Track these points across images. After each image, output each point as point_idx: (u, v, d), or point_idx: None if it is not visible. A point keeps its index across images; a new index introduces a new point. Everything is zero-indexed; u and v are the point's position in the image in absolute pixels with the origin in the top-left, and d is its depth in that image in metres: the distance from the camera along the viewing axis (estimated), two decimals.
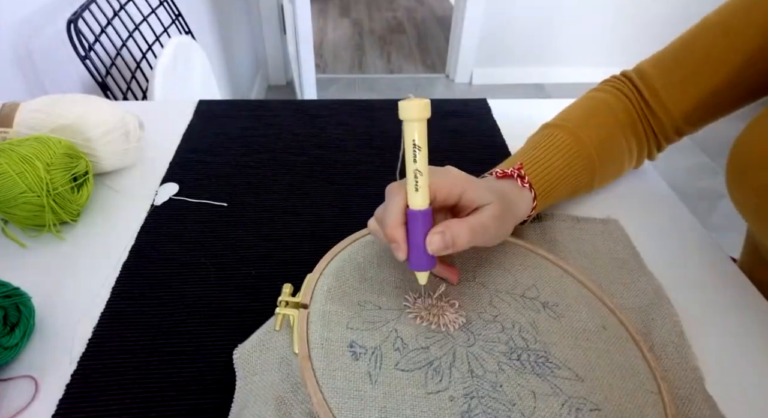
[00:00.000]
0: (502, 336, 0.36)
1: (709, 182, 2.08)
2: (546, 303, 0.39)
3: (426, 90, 2.79)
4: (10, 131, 0.52)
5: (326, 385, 0.32)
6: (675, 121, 0.51)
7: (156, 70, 0.96)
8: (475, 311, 0.38)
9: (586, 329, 0.37)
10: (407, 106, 0.31)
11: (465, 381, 0.33)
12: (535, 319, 0.37)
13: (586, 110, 0.52)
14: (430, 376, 0.33)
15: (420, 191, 0.33)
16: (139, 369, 0.37)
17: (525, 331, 0.36)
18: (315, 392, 0.31)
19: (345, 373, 0.33)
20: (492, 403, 0.32)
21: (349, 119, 0.69)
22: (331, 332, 0.35)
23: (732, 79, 0.48)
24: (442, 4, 3.79)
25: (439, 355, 0.34)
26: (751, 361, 0.39)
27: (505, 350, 0.35)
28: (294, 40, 2.09)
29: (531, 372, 0.34)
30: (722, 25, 0.48)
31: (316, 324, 0.35)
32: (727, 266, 0.48)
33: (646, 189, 0.57)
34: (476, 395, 0.32)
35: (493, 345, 0.35)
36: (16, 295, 0.37)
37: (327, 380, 0.32)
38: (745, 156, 0.45)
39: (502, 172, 0.46)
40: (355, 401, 0.31)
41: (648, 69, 0.52)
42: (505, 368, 0.34)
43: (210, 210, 0.52)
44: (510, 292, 0.40)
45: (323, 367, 0.33)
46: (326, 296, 0.37)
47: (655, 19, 2.60)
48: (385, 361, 0.34)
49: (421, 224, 0.34)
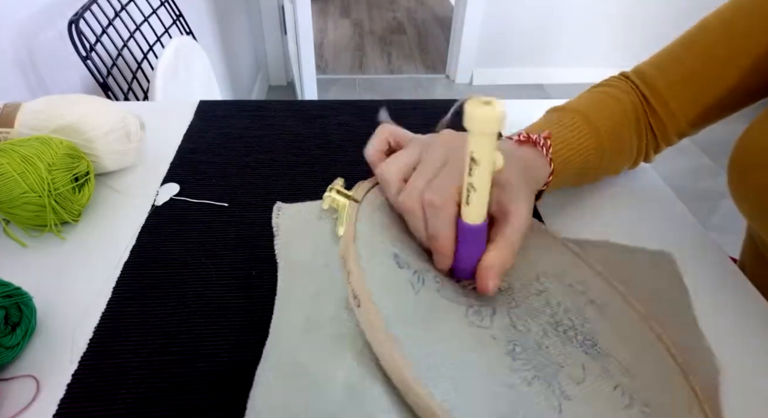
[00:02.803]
0: (547, 310, 0.32)
1: (709, 183, 2.08)
2: (593, 301, 0.35)
3: (426, 91, 2.79)
4: (11, 131, 0.52)
5: (367, 270, 0.28)
6: (677, 121, 0.51)
7: (157, 70, 0.96)
8: (520, 281, 0.34)
9: (631, 337, 0.35)
10: (471, 115, 0.27)
11: (508, 330, 0.30)
12: (582, 308, 0.34)
13: (596, 100, 0.52)
14: (472, 313, 0.30)
15: (474, 205, 0.31)
16: (141, 369, 0.37)
17: (571, 313, 0.33)
18: (356, 268, 0.28)
19: (387, 270, 0.29)
20: (537, 357, 0.29)
21: (349, 120, 0.69)
22: (376, 236, 0.32)
23: (734, 80, 0.48)
24: (443, 5, 3.80)
25: (478, 303, 0.31)
26: (751, 361, 0.39)
27: (551, 322, 0.31)
28: (294, 41, 2.09)
29: (579, 348, 0.30)
30: (723, 27, 0.48)
31: (364, 223, 0.32)
32: (727, 266, 0.48)
33: (646, 189, 0.57)
34: (520, 344, 0.29)
35: (538, 314, 0.32)
36: (17, 294, 0.37)
37: (368, 266, 0.29)
38: (747, 155, 0.45)
39: (526, 136, 0.43)
40: (395, 298, 0.28)
41: (648, 70, 0.52)
42: (551, 335, 0.30)
43: (211, 210, 0.52)
44: (559, 277, 0.36)
45: (367, 255, 0.30)
46: (376, 206, 0.34)
47: (655, 19, 2.60)
48: (426, 283, 0.31)
49: (472, 239, 0.32)
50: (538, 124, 0.50)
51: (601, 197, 0.56)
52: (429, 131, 0.70)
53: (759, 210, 0.44)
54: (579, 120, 0.48)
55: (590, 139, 0.48)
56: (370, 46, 3.25)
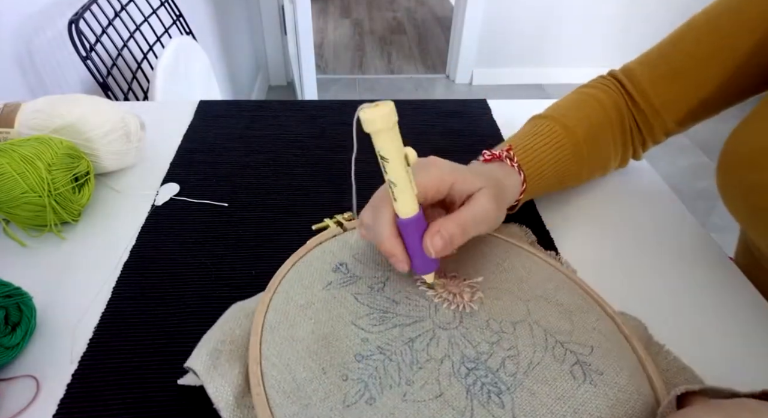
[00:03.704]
0: (483, 347, 0.32)
1: (708, 182, 2.08)
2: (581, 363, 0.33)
3: (426, 90, 2.79)
4: (11, 131, 0.52)
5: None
6: (662, 119, 0.51)
7: (157, 70, 0.96)
8: (489, 312, 0.35)
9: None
10: (365, 118, 0.28)
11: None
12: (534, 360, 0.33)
13: (576, 103, 0.52)
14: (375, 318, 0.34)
15: (400, 200, 0.32)
16: (140, 369, 0.37)
17: (505, 364, 0.32)
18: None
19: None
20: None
21: (349, 120, 0.69)
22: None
23: (719, 78, 0.48)
24: (442, 5, 3.80)
25: (401, 312, 0.34)
26: (750, 360, 0.39)
27: (471, 356, 0.32)
28: (294, 41, 2.09)
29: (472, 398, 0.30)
30: (710, 25, 0.48)
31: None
32: (726, 266, 0.48)
33: (645, 189, 0.57)
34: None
35: (466, 345, 0.32)
36: (17, 294, 0.37)
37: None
38: (734, 156, 0.45)
39: (490, 154, 0.45)
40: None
41: (635, 67, 0.52)
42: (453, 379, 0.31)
43: (211, 210, 0.52)
44: (554, 334, 0.34)
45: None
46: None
47: (654, 19, 2.60)
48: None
49: (414, 231, 0.33)
50: (518, 134, 0.51)
51: (601, 197, 0.56)
52: (429, 131, 0.70)
53: (746, 210, 0.45)
54: (555, 126, 0.49)
55: (567, 143, 0.49)
56: (370, 46, 3.25)
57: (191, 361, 0.34)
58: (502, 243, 0.43)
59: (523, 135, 0.49)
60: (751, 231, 0.46)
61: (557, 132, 0.49)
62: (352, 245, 0.40)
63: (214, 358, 0.33)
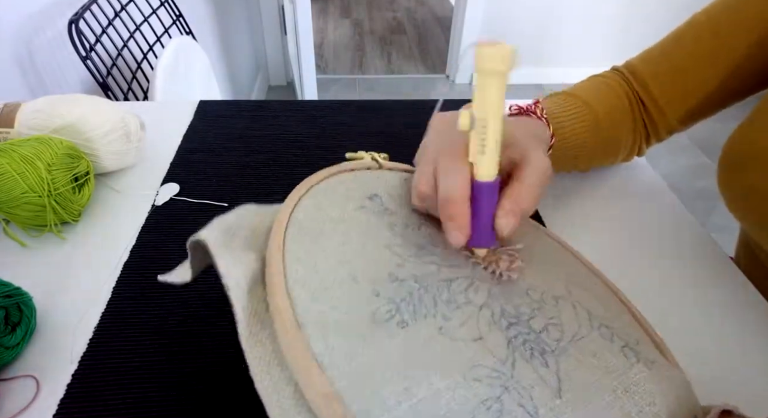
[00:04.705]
0: (524, 309, 0.29)
1: (708, 182, 2.08)
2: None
3: (426, 90, 2.79)
4: (11, 131, 0.52)
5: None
6: (665, 116, 0.51)
7: (157, 70, 0.96)
8: (529, 283, 0.32)
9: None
10: (484, 53, 0.25)
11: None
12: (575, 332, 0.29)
13: (595, 85, 0.53)
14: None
15: (488, 159, 0.28)
16: (140, 369, 0.37)
17: (548, 329, 0.28)
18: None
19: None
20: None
21: (349, 120, 0.69)
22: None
23: (721, 77, 0.48)
24: (442, 5, 3.80)
25: (439, 253, 0.30)
26: (750, 360, 0.39)
27: (513, 314, 0.28)
28: (294, 41, 2.09)
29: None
30: (711, 24, 0.48)
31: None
32: (726, 266, 0.48)
33: (645, 188, 0.57)
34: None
35: (507, 302, 0.29)
36: (17, 294, 0.37)
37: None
38: (735, 156, 0.45)
39: (517, 107, 0.45)
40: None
41: (638, 65, 0.52)
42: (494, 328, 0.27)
43: (211, 210, 0.52)
44: (597, 318, 0.31)
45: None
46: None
47: (654, 19, 2.60)
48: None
49: (490, 198, 0.30)
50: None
51: (601, 197, 0.56)
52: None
53: (746, 209, 0.45)
54: (577, 101, 0.50)
55: (587, 117, 0.49)
56: (370, 46, 3.25)
57: (199, 234, 0.29)
58: (530, 227, 0.39)
59: (545, 104, 0.49)
60: (749, 228, 0.46)
61: (578, 105, 0.49)
62: (388, 183, 0.35)
63: (229, 237, 0.28)
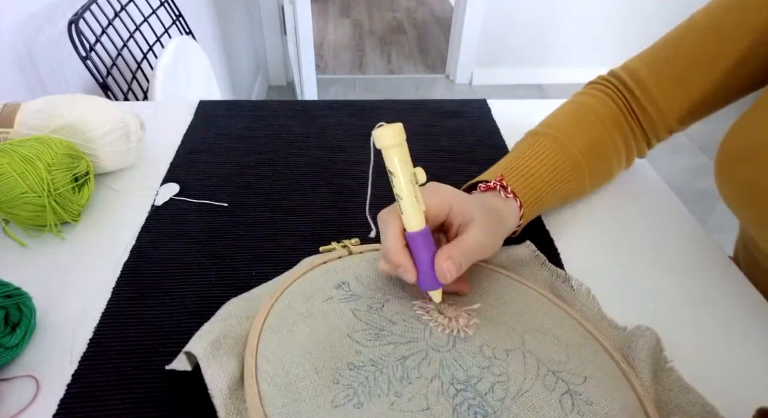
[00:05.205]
0: (474, 371, 0.33)
1: (708, 182, 2.08)
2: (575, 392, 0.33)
3: (426, 90, 2.79)
4: (11, 132, 0.52)
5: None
6: (666, 119, 0.51)
7: (157, 70, 0.96)
8: (484, 338, 0.35)
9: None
10: (376, 135, 0.32)
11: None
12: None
13: (570, 115, 0.53)
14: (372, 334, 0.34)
15: (407, 213, 0.34)
16: (140, 369, 0.37)
17: (492, 391, 0.32)
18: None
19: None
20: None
21: (349, 120, 0.69)
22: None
23: (722, 78, 0.48)
24: (442, 5, 3.80)
25: (397, 331, 0.35)
26: (750, 360, 0.39)
27: (462, 378, 0.32)
28: (294, 41, 2.10)
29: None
30: (712, 25, 0.48)
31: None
32: (726, 266, 0.48)
33: (645, 189, 0.58)
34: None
35: (457, 367, 0.33)
36: (17, 295, 0.37)
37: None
38: (732, 151, 0.46)
39: (485, 185, 0.46)
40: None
41: (639, 68, 0.52)
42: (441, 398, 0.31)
43: (210, 210, 0.52)
44: (546, 363, 0.34)
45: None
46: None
47: (654, 19, 2.60)
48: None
49: (423, 245, 0.35)
50: (513, 155, 0.51)
51: (601, 198, 0.56)
52: (429, 131, 0.70)
53: (744, 205, 0.45)
54: (552, 144, 0.49)
55: (564, 162, 0.49)
56: (370, 46, 3.25)
57: (191, 345, 0.35)
58: (503, 278, 0.43)
59: (518, 156, 0.49)
60: (747, 224, 0.46)
61: (553, 150, 0.49)
62: (356, 268, 0.41)
63: (215, 348, 0.34)
